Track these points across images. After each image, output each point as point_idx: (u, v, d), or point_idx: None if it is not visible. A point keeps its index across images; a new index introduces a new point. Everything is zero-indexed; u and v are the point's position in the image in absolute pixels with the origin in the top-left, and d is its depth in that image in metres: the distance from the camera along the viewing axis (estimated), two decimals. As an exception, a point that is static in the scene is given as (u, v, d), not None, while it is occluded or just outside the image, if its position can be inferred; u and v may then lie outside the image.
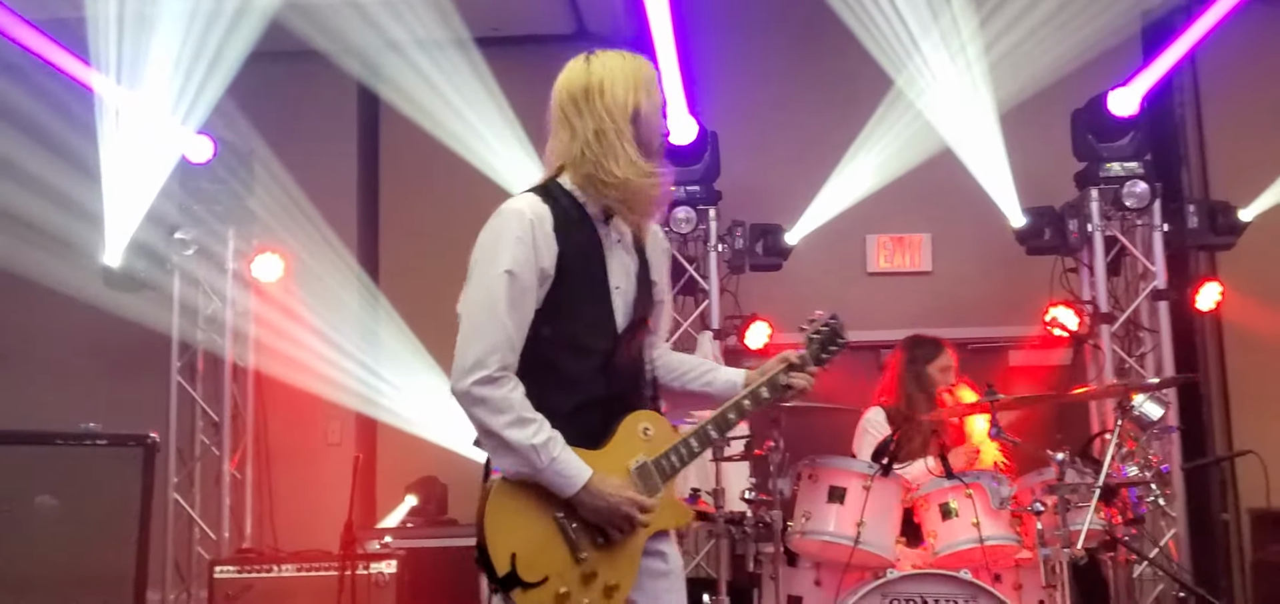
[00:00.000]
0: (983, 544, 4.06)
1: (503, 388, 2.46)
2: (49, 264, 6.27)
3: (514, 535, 2.45)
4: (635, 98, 2.63)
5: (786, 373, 2.75)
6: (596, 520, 2.49)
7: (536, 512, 2.47)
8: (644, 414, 2.62)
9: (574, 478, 2.46)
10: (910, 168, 6.27)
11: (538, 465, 2.44)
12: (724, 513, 4.34)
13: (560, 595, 2.46)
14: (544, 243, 2.52)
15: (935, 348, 4.94)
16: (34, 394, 6.35)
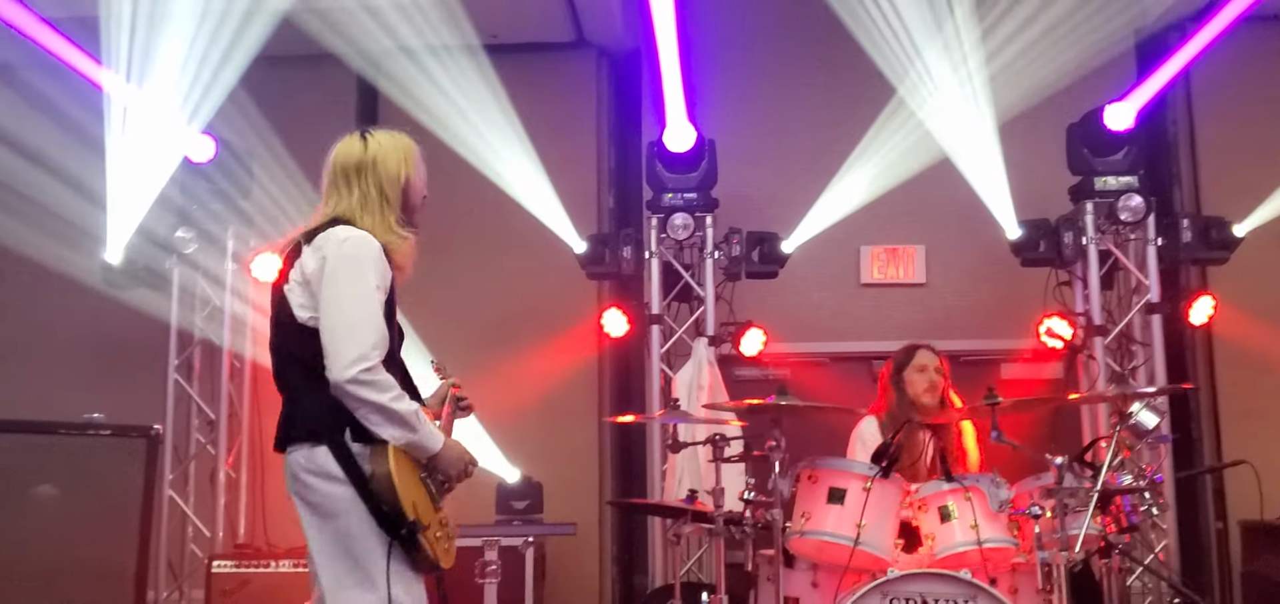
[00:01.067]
0: (981, 547, 4.09)
1: (382, 372, 2.92)
2: (51, 259, 6.28)
3: (410, 491, 2.93)
4: (405, 170, 3.15)
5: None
6: (452, 471, 3.06)
7: (412, 472, 2.97)
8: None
9: (438, 438, 3.02)
10: (907, 178, 6.33)
11: (416, 427, 2.94)
12: (722, 513, 4.37)
13: (434, 536, 2.98)
14: (385, 268, 3.03)
15: (910, 351, 5.00)
16: (33, 388, 6.34)
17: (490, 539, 5.79)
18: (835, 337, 6.94)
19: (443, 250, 6.80)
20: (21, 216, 6.11)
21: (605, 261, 6.31)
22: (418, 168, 3.19)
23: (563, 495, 6.35)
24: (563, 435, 6.66)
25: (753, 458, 4.48)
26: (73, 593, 4.28)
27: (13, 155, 6.12)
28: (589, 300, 6.70)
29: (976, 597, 3.84)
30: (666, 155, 6.18)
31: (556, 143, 6.71)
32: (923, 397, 4.89)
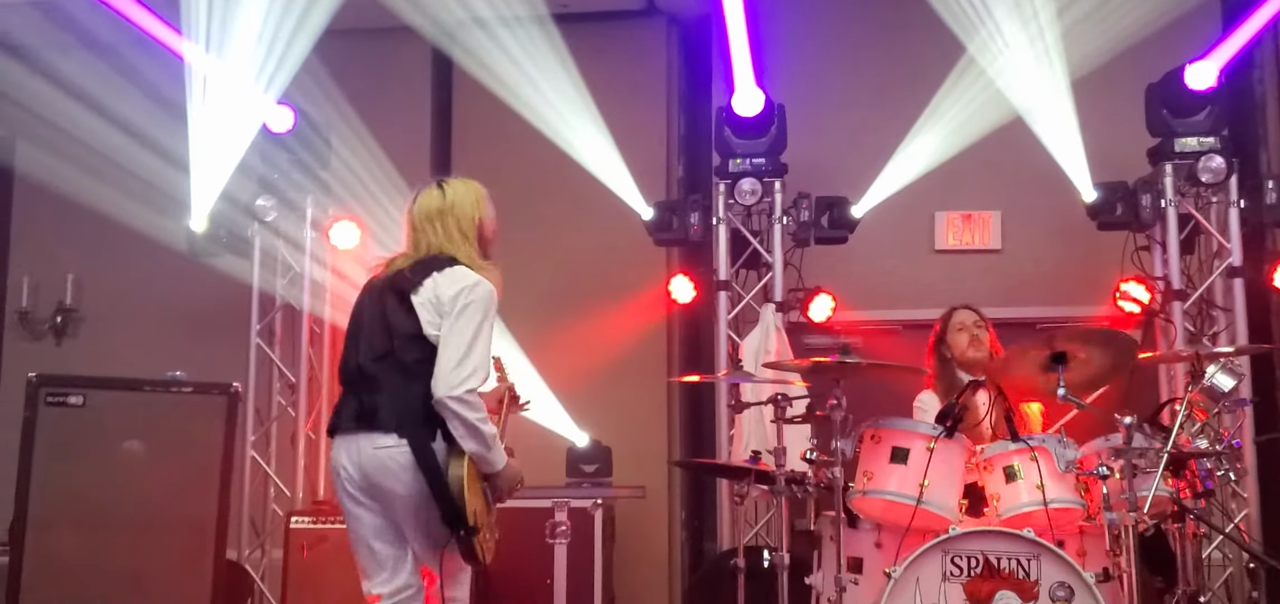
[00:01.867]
0: (1047, 507, 4.05)
1: (478, 397, 3.37)
2: (141, 225, 6.53)
3: (476, 498, 3.39)
4: (478, 213, 3.64)
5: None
6: (506, 486, 3.54)
7: (477, 481, 3.42)
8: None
9: (502, 459, 3.47)
10: (980, 138, 6.23)
11: (492, 448, 3.40)
12: (784, 472, 4.39)
13: (484, 539, 3.46)
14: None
15: (948, 315, 4.97)
16: (122, 355, 6.57)
17: (560, 500, 5.91)
18: (908, 304, 6.86)
19: (513, 219, 6.86)
20: (113, 183, 6.36)
21: (672, 228, 6.34)
22: (488, 208, 3.68)
23: (631, 460, 6.41)
24: (631, 401, 6.72)
25: (816, 418, 4.49)
26: (161, 542, 4.47)
27: (106, 125, 6.38)
28: (658, 267, 6.74)
29: (1040, 556, 3.80)
30: (735, 120, 6.18)
31: (626, 111, 6.75)
32: (967, 353, 4.84)
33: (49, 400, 4.42)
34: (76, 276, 7.12)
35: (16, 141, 7.14)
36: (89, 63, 6.63)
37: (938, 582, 3.82)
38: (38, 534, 4.39)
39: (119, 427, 4.52)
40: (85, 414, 4.47)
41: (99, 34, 6.54)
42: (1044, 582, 3.78)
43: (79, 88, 6.53)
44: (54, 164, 6.68)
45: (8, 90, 6.74)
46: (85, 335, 7.12)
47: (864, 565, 4.40)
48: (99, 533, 4.42)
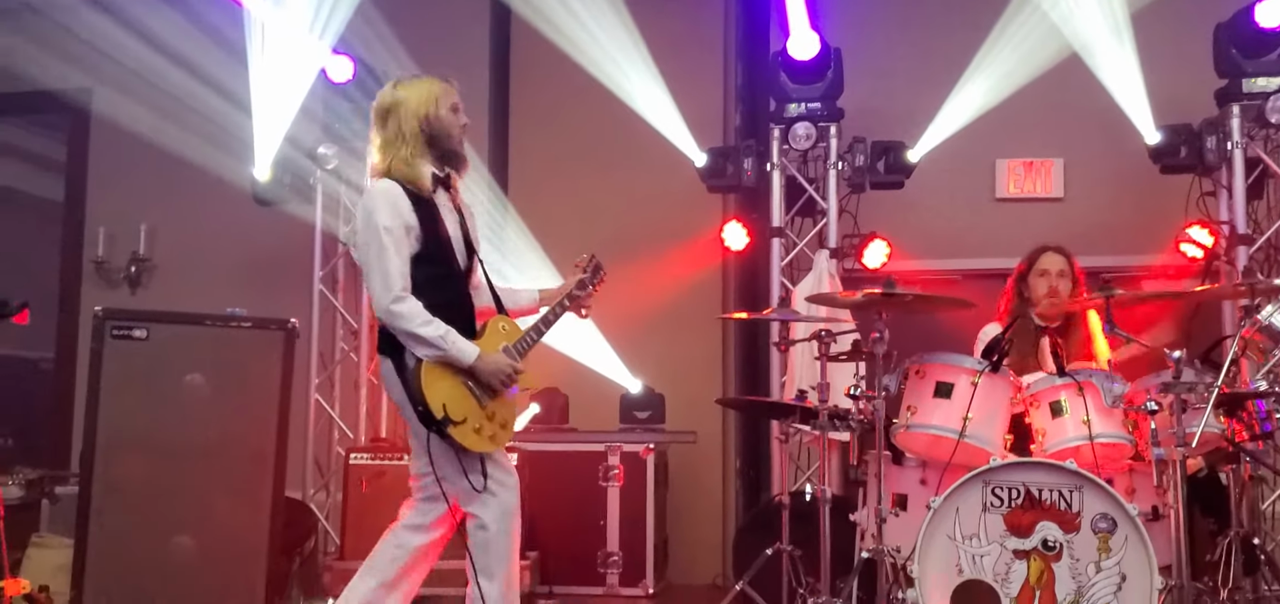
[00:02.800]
0: (1093, 442, 4.02)
1: (407, 303, 3.58)
2: (206, 179, 6.72)
3: (442, 393, 3.58)
4: (428, 108, 3.72)
5: (579, 289, 3.98)
6: (487, 379, 3.64)
7: (450, 378, 3.62)
8: (499, 318, 3.84)
9: (469, 352, 3.63)
10: (1038, 78, 6.12)
11: (443, 347, 3.57)
12: (827, 407, 4.40)
13: (476, 429, 3.63)
14: (403, 206, 3.62)
15: (1036, 254, 4.92)
16: (192, 303, 6.66)
17: (613, 444, 6.00)
18: (968, 253, 6.79)
19: (570, 166, 6.98)
20: (184, 133, 6.55)
21: (726, 174, 6.33)
22: (444, 105, 3.74)
23: (685, 407, 6.46)
24: (685, 348, 6.76)
25: (862, 355, 4.50)
26: (222, 472, 4.63)
27: (177, 74, 6.57)
28: (712, 214, 6.75)
29: (1082, 487, 3.77)
30: (790, 65, 6.14)
31: (684, 58, 6.75)
32: (1042, 301, 4.80)
33: (114, 334, 4.59)
34: (149, 226, 7.33)
35: (93, 92, 7.37)
36: (161, 11, 6.81)
37: (977, 513, 3.82)
38: (105, 461, 4.56)
39: (181, 360, 4.67)
40: (149, 348, 4.63)
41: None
42: (1086, 513, 3.75)
43: (151, 36, 6.73)
44: (129, 115, 6.90)
45: (88, 42, 6.97)
46: (158, 283, 7.36)
47: (909, 501, 4.43)
48: (163, 462, 4.58)
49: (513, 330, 3.84)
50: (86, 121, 7.50)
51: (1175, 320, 5.61)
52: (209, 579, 4.58)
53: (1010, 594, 3.74)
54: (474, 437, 3.62)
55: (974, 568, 3.78)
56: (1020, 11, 6.08)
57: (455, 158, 3.81)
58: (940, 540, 3.81)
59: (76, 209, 7.53)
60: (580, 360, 6.56)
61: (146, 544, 4.57)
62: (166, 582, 4.54)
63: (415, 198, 3.65)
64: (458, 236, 3.77)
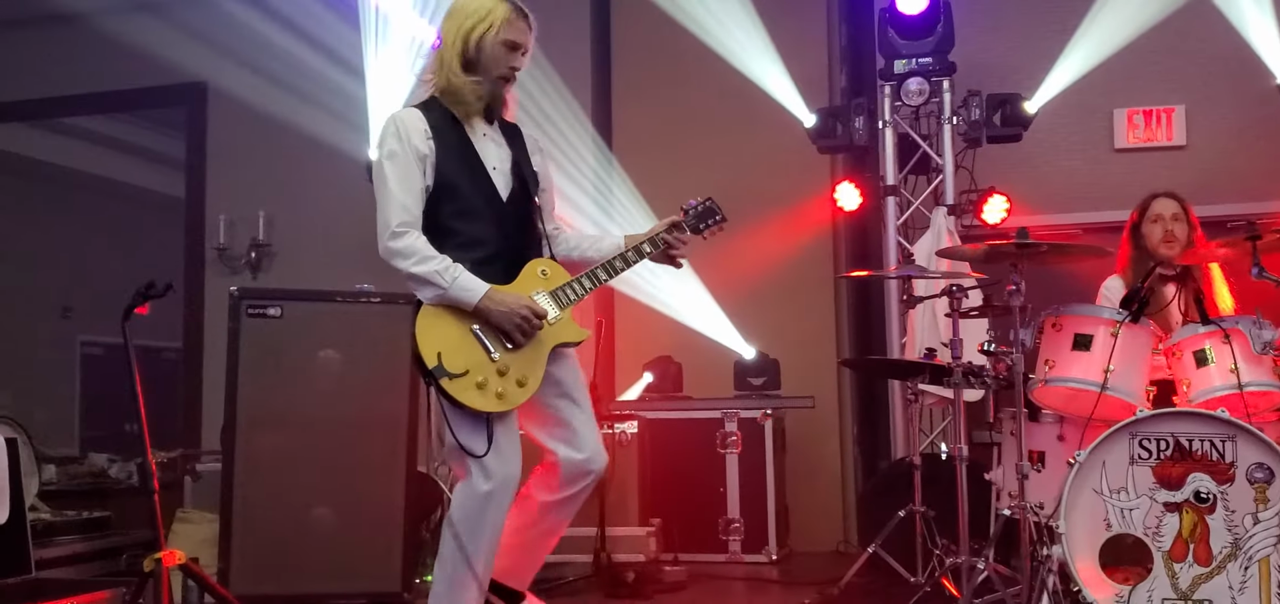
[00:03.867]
0: (1242, 391, 3.89)
1: (406, 238, 3.29)
2: (320, 163, 6.86)
3: (438, 340, 3.24)
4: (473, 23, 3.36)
5: (669, 231, 3.56)
6: (499, 324, 3.25)
7: (455, 322, 3.27)
8: (541, 261, 3.44)
9: (474, 290, 3.25)
10: (1159, 22, 5.93)
11: (444, 285, 3.25)
12: (961, 365, 4.32)
13: (479, 383, 3.22)
14: (416, 134, 3.32)
15: (1147, 202, 4.77)
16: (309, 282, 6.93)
17: (730, 411, 5.99)
18: (1088, 206, 6.62)
19: (675, 134, 6.96)
20: (298, 119, 6.69)
21: (836, 134, 6.27)
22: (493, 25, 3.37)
23: (799, 371, 6.43)
24: (799, 312, 6.71)
25: (992, 310, 4.41)
26: (357, 446, 4.71)
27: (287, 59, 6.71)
28: (822, 175, 6.69)
29: (1235, 436, 3.64)
30: (899, 20, 6.04)
31: (787, 20, 6.68)
32: (1159, 248, 4.65)
33: (250, 312, 4.70)
34: (267, 213, 7.51)
35: (209, 86, 7.57)
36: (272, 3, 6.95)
37: (1125, 466, 3.71)
38: (245, 438, 4.68)
39: (314, 337, 4.76)
40: (283, 325, 4.72)
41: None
42: (1241, 463, 3.62)
43: (262, 24, 6.87)
44: (243, 105, 7.07)
45: (202, 35, 7.16)
46: (278, 267, 7.53)
47: (1046, 459, 4.34)
48: (301, 436, 4.68)
49: (556, 274, 3.44)
50: (203, 113, 7.71)
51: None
52: (348, 549, 4.67)
53: (1162, 547, 3.64)
54: (474, 392, 3.21)
55: (1123, 522, 3.69)
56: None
57: (493, 99, 3.45)
58: (1086, 495, 3.72)
59: (196, 200, 7.75)
60: (693, 327, 6.56)
61: (287, 516, 4.67)
62: (308, 552, 4.64)
63: (443, 123, 3.36)
64: (502, 168, 3.44)
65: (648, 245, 3.53)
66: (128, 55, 7.29)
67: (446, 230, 3.35)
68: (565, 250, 3.64)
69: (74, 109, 8.32)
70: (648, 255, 3.54)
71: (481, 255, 3.33)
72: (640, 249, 3.52)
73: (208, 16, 7.27)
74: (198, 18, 7.31)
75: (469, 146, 3.40)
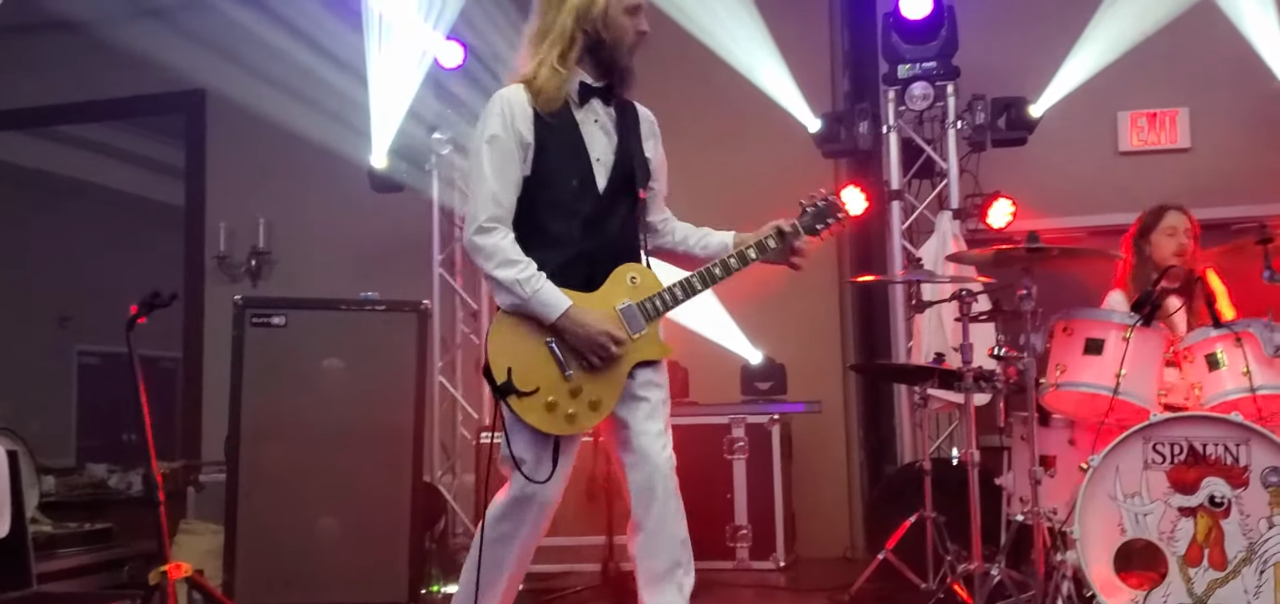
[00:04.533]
0: (1255, 394, 3.87)
1: (492, 237, 3.00)
2: (321, 169, 6.83)
3: (510, 353, 3.00)
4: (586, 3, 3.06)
5: (777, 237, 3.26)
6: (575, 345, 3.00)
7: (530, 336, 3.02)
8: (632, 266, 3.14)
9: (554, 306, 2.99)
10: (1164, 25, 5.92)
11: (523, 296, 2.98)
12: (972, 369, 4.30)
13: (549, 403, 2.99)
14: (521, 118, 3.04)
15: (1160, 212, 4.72)
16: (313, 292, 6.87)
17: (737, 417, 5.96)
18: (1092, 209, 6.60)
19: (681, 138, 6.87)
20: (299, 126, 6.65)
21: (841, 139, 6.24)
22: (617, 4, 3.08)
23: (806, 376, 6.40)
24: (804, 316, 6.68)
25: (1000, 314, 4.39)
26: (363, 455, 4.69)
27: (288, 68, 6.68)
28: (826, 180, 6.64)
29: (1249, 440, 3.62)
30: (903, 24, 6.02)
31: (790, 25, 6.65)
32: (1170, 261, 4.61)
33: (254, 321, 4.68)
34: (267, 220, 7.47)
35: (208, 92, 7.54)
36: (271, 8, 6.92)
37: (1139, 471, 3.70)
38: (250, 448, 4.66)
39: (318, 345, 4.75)
40: (287, 334, 4.71)
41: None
42: (1255, 467, 3.61)
43: (262, 35, 6.84)
44: (243, 112, 7.03)
45: (200, 41, 7.12)
46: (278, 275, 7.49)
47: (1057, 463, 4.32)
48: (305, 446, 4.67)
49: (648, 283, 3.14)
50: (202, 120, 7.68)
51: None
52: (354, 560, 4.66)
53: (1177, 552, 3.62)
54: (542, 413, 2.98)
55: (1137, 527, 3.67)
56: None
57: (621, 73, 3.16)
58: (1100, 500, 3.70)
59: (196, 207, 7.72)
60: (699, 332, 6.53)
61: (292, 527, 4.66)
62: (313, 563, 4.62)
63: (546, 109, 3.07)
64: (606, 159, 3.14)
65: (754, 251, 3.23)
66: (126, 63, 7.24)
67: (534, 224, 3.08)
68: (671, 244, 3.37)
69: (72, 117, 8.29)
70: (753, 261, 3.24)
71: (562, 258, 3.07)
72: (745, 255, 3.22)
73: (206, 22, 7.23)
74: (196, 23, 7.27)
75: (576, 133, 3.11)
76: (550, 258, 3.06)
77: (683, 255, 3.36)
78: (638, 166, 3.21)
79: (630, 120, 3.25)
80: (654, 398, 3.15)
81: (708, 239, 3.35)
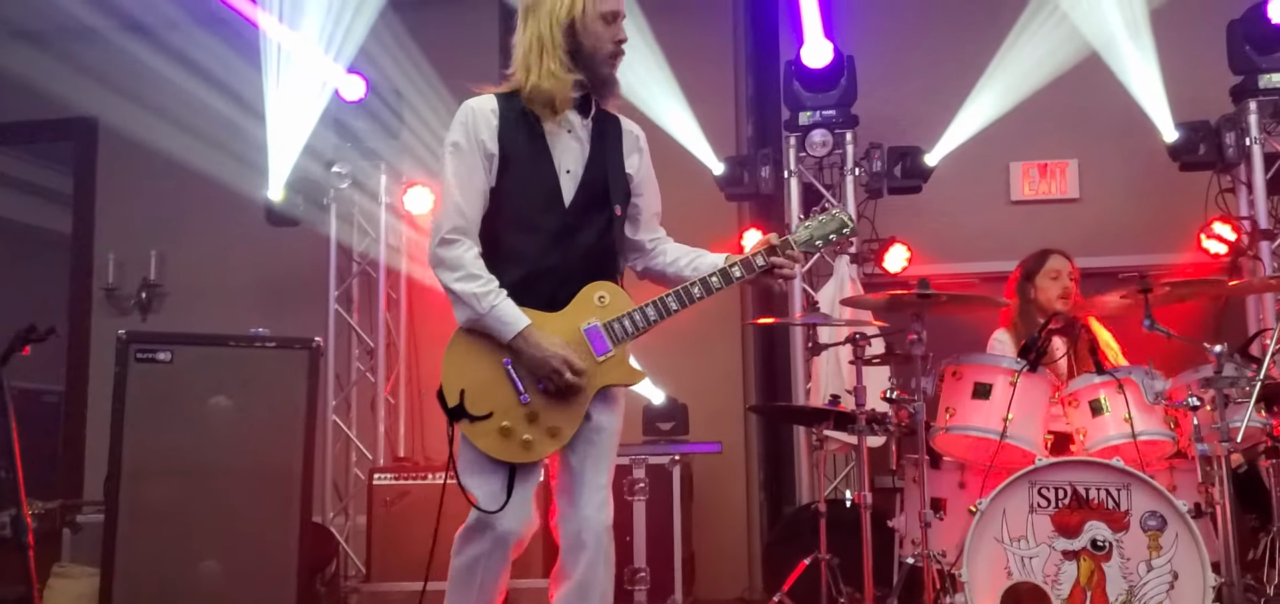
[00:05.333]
0: (1136, 440, 3.98)
1: (455, 249, 2.88)
2: (216, 203, 6.67)
3: (464, 374, 2.86)
4: (570, 9, 2.94)
5: (766, 255, 3.07)
6: (531, 369, 2.84)
7: (486, 356, 2.87)
8: (601, 284, 2.97)
9: (511, 325, 2.84)
10: (1055, 78, 6.12)
11: (480, 311, 2.84)
12: (865, 412, 4.35)
13: (503, 428, 2.84)
14: (485, 127, 2.93)
15: (1042, 256, 4.88)
16: (204, 327, 6.65)
17: (638, 458, 5.93)
18: (985, 256, 6.75)
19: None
20: (192, 159, 6.50)
21: (743, 183, 6.31)
22: (593, 10, 2.97)
23: (707, 417, 6.40)
24: (706, 357, 6.70)
25: (894, 358, 4.46)
26: (249, 495, 4.57)
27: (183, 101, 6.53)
28: (730, 222, 6.71)
29: (1130, 485, 3.72)
30: (804, 73, 6.13)
31: (695, 70, 6.71)
32: (1055, 303, 4.75)
33: (138, 357, 4.54)
34: (159, 252, 7.26)
35: (100, 122, 7.32)
36: (167, 40, 6.77)
37: (1024, 514, 3.76)
38: (131, 488, 4.51)
39: (205, 383, 4.62)
40: (173, 370, 4.58)
41: (180, 8, 6.69)
42: (1135, 511, 3.70)
43: (157, 66, 6.68)
44: (135, 144, 6.85)
45: (92, 70, 6.92)
46: (169, 309, 7.27)
47: (947, 506, 4.38)
48: (189, 487, 4.53)
49: (617, 302, 2.99)
50: (93, 149, 7.45)
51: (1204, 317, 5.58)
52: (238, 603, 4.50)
53: (1061, 595, 3.69)
54: (495, 439, 2.83)
55: (1023, 570, 3.73)
56: (1032, 17, 6.10)
57: (600, 82, 3.03)
58: (987, 543, 3.76)
59: (84, 237, 7.47)
60: (634, 386, 6.50)
61: (174, 570, 4.50)
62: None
63: (518, 114, 2.95)
64: (576, 171, 2.99)
65: (739, 269, 3.05)
66: (12, 87, 7.00)
67: (494, 239, 2.96)
68: (662, 266, 3.22)
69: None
70: (739, 279, 3.06)
71: (520, 274, 2.92)
72: (729, 273, 3.05)
73: (99, 51, 7.02)
74: (88, 52, 7.06)
75: (541, 145, 2.96)
76: (507, 274, 2.92)
77: (674, 277, 3.19)
78: (613, 181, 3.05)
79: (610, 133, 3.12)
80: (605, 442, 3.03)
81: (699, 260, 3.18)
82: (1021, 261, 4.96)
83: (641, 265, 3.22)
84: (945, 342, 4.57)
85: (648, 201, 3.20)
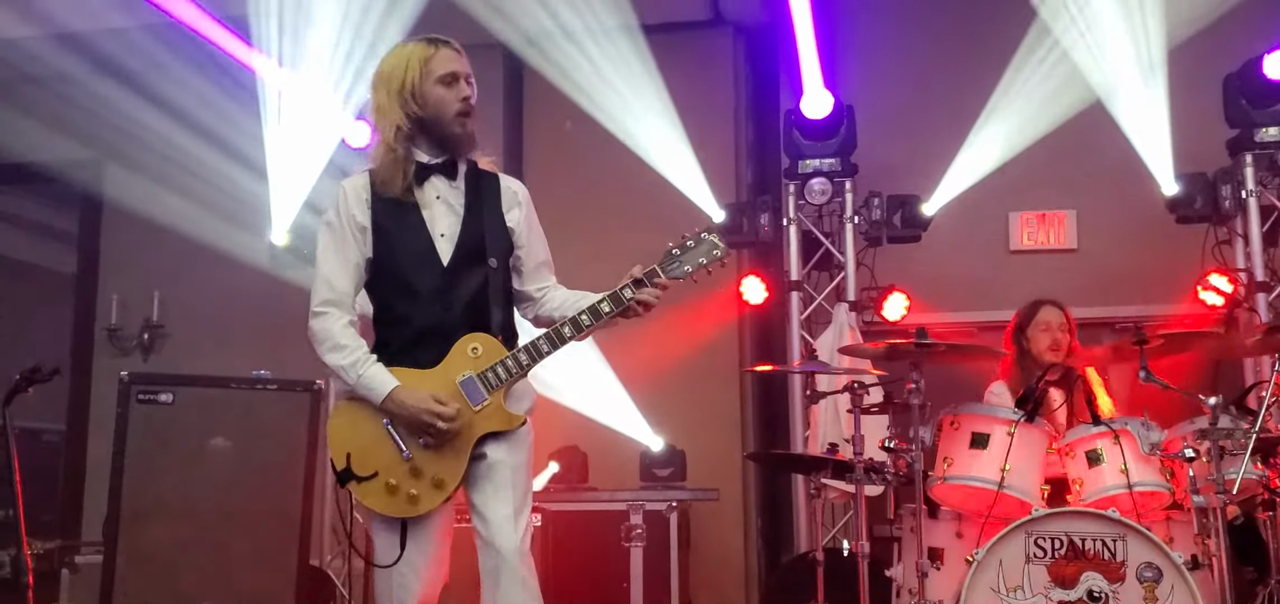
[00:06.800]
0: (1132, 490, 3.99)
1: (324, 321, 3.06)
2: (219, 245, 6.71)
3: (349, 439, 3.00)
4: (409, 75, 3.06)
5: (633, 288, 3.10)
6: (407, 425, 2.97)
7: (369, 419, 3.00)
8: (474, 336, 3.05)
9: (379, 390, 2.97)
10: (1052, 131, 6.18)
11: (350, 381, 3.01)
12: (863, 460, 4.37)
13: (390, 486, 2.97)
14: (356, 203, 3.07)
15: (1034, 307, 4.91)
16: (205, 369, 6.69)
17: (635, 503, 5.92)
18: (984, 305, 6.79)
19: (583, 224, 6.97)
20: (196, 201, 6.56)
21: (743, 230, 6.36)
22: (431, 71, 3.07)
23: (705, 463, 6.41)
24: (704, 404, 6.72)
25: (893, 406, 4.48)
26: (248, 537, 4.57)
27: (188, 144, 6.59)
28: (729, 269, 6.72)
29: (1126, 536, 3.74)
30: (804, 123, 6.20)
31: (696, 118, 6.78)
32: (1046, 355, 4.77)
33: (140, 398, 4.56)
34: (162, 294, 7.30)
35: (105, 164, 7.38)
36: (172, 83, 6.84)
37: (1021, 564, 3.78)
38: (130, 529, 4.51)
39: (206, 424, 4.63)
40: (174, 412, 4.59)
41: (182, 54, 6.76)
42: (1131, 562, 3.72)
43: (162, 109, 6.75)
44: (140, 185, 6.91)
45: (98, 112, 6.99)
46: (171, 350, 7.31)
47: (945, 556, 4.37)
48: (188, 528, 4.53)
49: (490, 352, 3.05)
50: (99, 192, 7.51)
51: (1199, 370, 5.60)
52: (235, 647, 4.50)
53: (1057, 646, 3.69)
54: (382, 496, 2.96)
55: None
56: (1030, 68, 6.17)
57: (453, 143, 3.10)
58: (983, 593, 3.77)
59: (88, 278, 7.51)
60: (598, 418, 6.52)
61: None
62: (192, 651, 4.46)
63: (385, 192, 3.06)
64: (452, 234, 3.09)
65: (607, 304, 3.08)
66: (22, 128, 7.07)
67: (384, 305, 3.12)
68: (548, 312, 3.27)
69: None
70: (609, 314, 3.08)
71: (407, 335, 3.04)
72: (598, 309, 3.07)
73: (107, 95, 7.09)
74: (97, 96, 7.13)
75: (415, 214, 3.08)
76: (395, 336, 3.08)
77: (560, 321, 3.21)
78: (489, 237, 3.13)
79: (487, 191, 3.19)
80: (501, 475, 3.05)
81: (582, 301, 3.18)
82: (1016, 313, 4.99)
83: (532, 313, 3.31)
84: (943, 390, 4.59)
85: (532, 252, 3.28)
